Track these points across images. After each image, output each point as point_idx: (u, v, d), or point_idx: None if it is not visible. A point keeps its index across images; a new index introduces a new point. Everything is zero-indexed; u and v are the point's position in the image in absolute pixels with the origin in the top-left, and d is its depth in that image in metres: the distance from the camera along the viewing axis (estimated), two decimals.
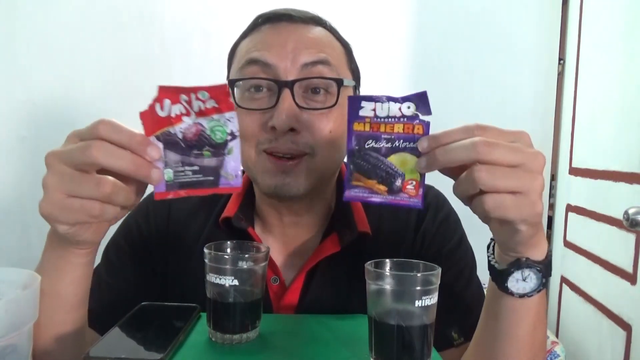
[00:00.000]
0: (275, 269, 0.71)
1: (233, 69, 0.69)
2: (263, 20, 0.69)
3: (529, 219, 0.45)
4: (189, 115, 0.47)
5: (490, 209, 0.43)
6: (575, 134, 1.58)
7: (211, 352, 0.53)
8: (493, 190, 0.43)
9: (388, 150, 0.49)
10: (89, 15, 1.39)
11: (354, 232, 0.69)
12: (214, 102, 0.47)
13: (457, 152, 0.44)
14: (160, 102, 0.46)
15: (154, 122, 0.47)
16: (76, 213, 0.45)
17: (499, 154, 0.43)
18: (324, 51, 0.65)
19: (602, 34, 1.43)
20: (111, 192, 0.45)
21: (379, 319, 0.48)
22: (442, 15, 1.60)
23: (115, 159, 0.44)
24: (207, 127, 0.47)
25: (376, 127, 0.49)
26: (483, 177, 0.43)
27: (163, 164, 0.47)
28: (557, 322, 1.66)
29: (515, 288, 0.50)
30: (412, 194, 0.49)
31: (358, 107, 0.49)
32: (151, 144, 0.46)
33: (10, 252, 1.36)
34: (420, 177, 0.48)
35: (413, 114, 0.48)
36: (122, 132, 0.45)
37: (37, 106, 1.37)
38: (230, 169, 0.48)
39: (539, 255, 0.50)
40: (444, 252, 0.71)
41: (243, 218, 0.71)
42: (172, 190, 0.48)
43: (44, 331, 0.54)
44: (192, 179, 0.48)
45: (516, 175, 0.44)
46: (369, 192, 0.50)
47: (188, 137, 0.47)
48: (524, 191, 0.44)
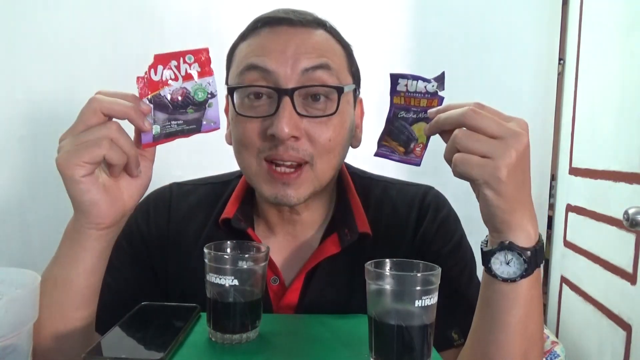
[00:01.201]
0: (275, 269, 0.71)
1: (232, 73, 0.69)
2: (262, 23, 0.67)
3: (490, 181, 0.49)
4: (176, 80, 0.56)
5: (457, 163, 0.50)
6: (575, 134, 1.58)
7: (211, 352, 0.53)
8: (464, 149, 0.50)
9: (413, 120, 0.59)
10: (89, 14, 1.39)
11: (355, 232, 0.69)
12: (197, 66, 0.56)
13: (449, 117, 0.52)
14: (155, 68, 0.55)
15: (147, 85, 0.55)
16: (88, 149, 0.51)
17: (482, 122, 0.50)
18: (324, 55, 0.65)
19: (602, 34, 1.43)
20: (116, 132, 0.52)
21: (379, 319, 0.48)
22: (442, 15, 1.60)
23: (114, 104, 0.53)
24: (191, 89, 0.56)
25: (408, 100, 0.59)
26: (459, 136, 0.50)
27: (152, 121, 0.55)
28: (557, 322, 1.66)
29: (499, 271, 0.53)
30: (417, 154, 0.60)
31: (396, 82, 0.59)
32: (142, 101, 0.54)
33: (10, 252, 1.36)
34: (426, 141, 0.59)
35: (434, 91, 0.58)
36: (117, 92, 0.54)
37: (37, 106, 1.37)
38: (211, 116, 0.57)
39: (524, 241, 0.52)
40: (444, 252, 0.71)
41: (242, 219, 0.71)
42: (157, 139, 0.56)
43: (49, 329, 0.54)
44: (177, 129, 0.56)
45: (490, 143, 0.49)
46: (391, 151, 0.61)
47: (174, 99, 0.56)
48: (492, 156, 0.49)
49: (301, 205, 0.70)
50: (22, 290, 0.44)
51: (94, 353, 0.48)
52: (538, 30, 1.63)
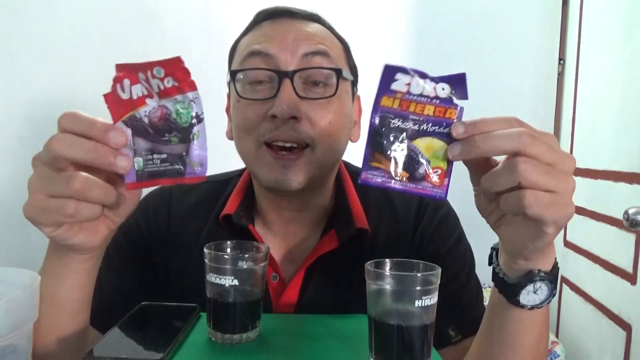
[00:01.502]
0: (275, 266, 0.71)
1: (234, 64, 0.70)
2: (264, 16, 0.70)
3: (560, 220, 0.43)
4: (151, 97, 0.45)
5: (529, 204, 0.41)
6: (575, 134, 1.58)
7: (211, 352, 0.53)
8: (533, 185, 0.41)
9: (414, 132, 0.44)
10: (89, 15, 1.40)
11: (352, 228, 0.69)
12: (172, 80, 0.45)
13: (500, 140, 0.42)
14: (120, 83, 0.45)
15: (118, 105, 0.45)
16: (53, 213, 0.44)
17: (542, 150, 0.42)
18: (323, 43, 0.66)
19: (602, 34, 1.43)
20: (83, 187, 0.43)
21: (379, 319, 0.48)
22: (442, 15, 1.60)
23: (74, 148, 0.43)
24: (173, 109, 0.45)
25: (406, 105, 0.44)
26: (528, 169, 0.41)
27: (132, 152, 0.45)
28: (557, 322, 1.66)
29: (526, 301, 0.49)
30: (436, 184, 0.44)
31: (392, 78, 0.44)
32: (115, 130, 0.44)
33: (10, 252, 1.36)
34: (447, 166, 0.44)
35: (447, 97, 0.44)
36: (82, 121, 0.44)
37: (37, 106, 1.37)
38: (195, 157, 0.46)
39: (548, 265, 0.49)
40: (443, 250, 0.72)
41: (244, 215, 0.72)
42: (143, 180, 0.46)
43: (44, 334, 0.54)
44: (160, 167, 0.46)
45: (554, 174, 0.42)
46: (387, 176, 0.45)
47: (154, 122, 0.45)
48: (559, 191, 0.42)
49: (300, 201, 0.71)
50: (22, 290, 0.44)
51: (93, 353, 0.47)
52: (538, 30, 1.63)
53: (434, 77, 0.44)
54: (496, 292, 0.53)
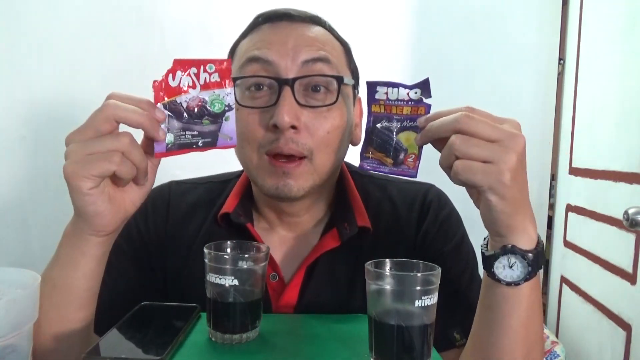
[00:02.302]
0: (275, 266, 0.70)
1: (233, 68, 0.69)
2: (263, 19, 0.69)
3: (494, 186, 0.48)
4: (194, 88, 0.53)
5: (458, 171, 0.49)
6: (575, 134, 1.58)
7: (211, 352, 0.53)
8: (464, 156, 0.48)
9: (398, 129, 0.57)
10: (89, 15, 1.39)
11: (354, 226, 0.69)
12: (217, 76, 0.54)
13: (442, 124, 0.51)
14: (173, 73, 0.53)
15: (164, 90, 0.53)
16: (98, 162, 0.49)
17: (477, 127, 0.49)
18: (324, 49, 0.66)
19: (602, 34, 1.43)
20: (129, 143, 0.50)
21: (379, 319, 0.48)
22: (442, 14, 1.60)
23: (129, 112, 0.50)
24: (208, 100, 0.54)
25: (389, 108, 0.58)
26: (457, 143, 0.49)
27: (166, 129, 0.53)
28: (557, 322, 1.66)
29: (502, 275, 0.52)
30: (410, 166, 0.58)
31: (374, 90, 0.58)
32: (157, 107, 0.52)
33: (10, 251, 1.36)
34: (418, 151, 0.57)
35: (418, 98, 0.56)
36: (132, 97, 0.52)
37: (37, 106, 1.37)
38: (227, 131, 0.55)
39: (526, 244, 0.52)
40: (445, 251, 0.71)
41: (242, 214, 0.71)
42: (171, 150, 0.53)
43: (49, 329, 0.54)
44: (192, 140, 0.54)
45: (489, 147, 0.48)
46: (378, 163, 0.59)
47: (191, 107, 0.53)
48: (494, 161, 0.48)
49: (301, 208, 0.71)
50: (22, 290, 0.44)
51: (93, 353, 0.47)
52: (538, 30, 1.63)
53: (406, 85, 0.57)
54: (484, 273, 0.56)
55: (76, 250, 0.55)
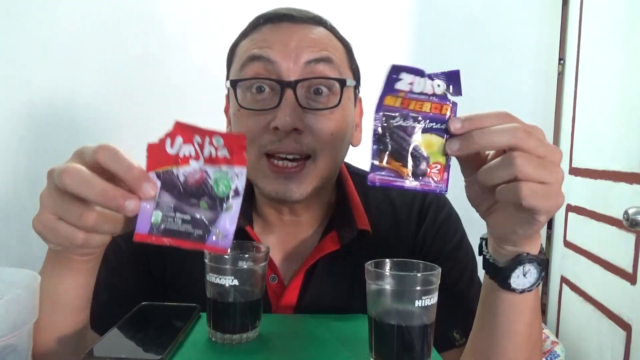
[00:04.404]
0: (274, 268, 0.70)
1: (233, 68, 0.69)
2: (264, 20, 0.68)
3: (552, 209, 0.45)
4: (197, 160, 0.44)
5: (525, 196, 0.43)
6: (575, 134, 1.58)
7: (211, 352, 0.53)
8: (528, 178, 0.43)
9: (414, 130, 0.46)
10: (89, 15, 1.40)
11: (354, 229, 0.69)
12: (226, 151, 0.44)
13: (497, 136, 0.44)
14: (172, 138, 0.44)
15: (159, 157, 0.43)
16: (62, 238, 0.44)
17: (535, 144, 0.44)
18: (326, 49, 0.65)
19: (602, 34, 1.43)
20: (94, 223, 0.43)
21: (379, 319, 0.48)
22: (442, 15, 1.60)
23: (85, 187, 0.41)
24: (212, 177, 0.44)
25: (406, 103, 0.45)
26: (523, 163, 0.43)
27: (154, 204, 0.43)
28: (557, 322, 1.66)
29: (516, 284, 0.51)
30: (436, 178, 0.46)
31: (397, 78, 0.45)
32: (149, 181, 0.43)
33: (10, 252, 1.36)
34: (446, 161, 0.46)
35: (443, 93, 0.46)
36: (121, 162, 0.42)
37: (37, 106, 1.37)
38: (222, 227, 0.44)
39: (535, 249, 0.51)
40: (445, 252, 0.71)
41: (241, 217, 0.71)
42: (155, 234, 0.44)
43: (44, 333, 0.54)
44: (180, 228, 0.44)
45: (545, 166, 0.44)
46: (395, 175, 0.46)
47: (189, 183, 0.44)
48: (551, 182, 0.44)
49: (301, 206, 0.71)
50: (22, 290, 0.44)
51: (93, 353, 0.47)
52: (538, 30, 1.63)
53: (430, 74, 0.46)
54: (487, 279, 0.54)
55: (62, 266, 0.51)
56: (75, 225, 0.43)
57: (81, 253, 0.49)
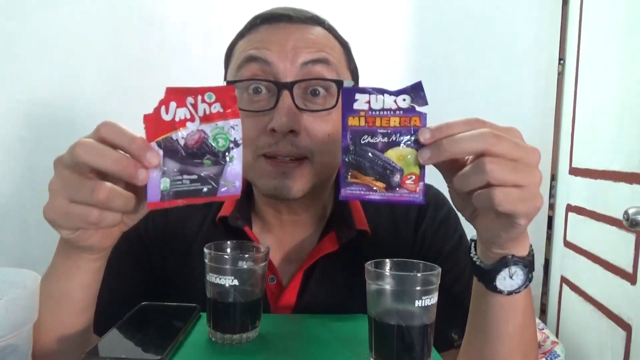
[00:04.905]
0: (273, 268, 0.70)
1: (231, 69, 0.69)
2: (261, 20, 0.68)
3: (531, 212, 0.44)
4: (193, 121, 0.46)
5: (499, 202, 0.42)
6: (575, 134, 1.58)
7: (211, 352, 0.53)
8: (501, 183, 0.42)
9: (385, 145, 0.47)
10: (89, 15, 1.39)
11: (352, 230, 0.69)
12: (219, 106, 0.46)
13: (466, 142, 0.43)
14: (167, 105, 0.45)
15: (157, 126, 0.45)
16: (76, 219, 0.44)
17: (506, 147, 0.43)
18: (323, 50, 0.65)
19: (602, 34, 1.43)
20: (107, 198, 0.43)
21: (379, 319, 0.48)
22: (442, 15, 1.60)
23: (98, 157, 0.43)
24: (210, 134, 0.46)
25: (371, 121, 0.47)
26: (494, 169, 0.42)
27: (161, 172, 0.45)
28: (557, 322, 1.66)
29: (503, 286, 0.50)
30: (411, 189, 0.46)
31: (352, 99, 0.47)
32: (151, 149, 0.44)
33: (10, 252, 1.36)
34: (420, 171, 0.46)
35: (409, 106, 0.46)
36: (123, 135, 0.44)
37: (37, 106, 1.37)
38: (230, 176, 0.46)
39: (523, 250, 0.50)
40: (445, 251, 0.71)
41: (239, 217, 0.71)
42: (167, 199, 0.45)
43: (47, 333, 0.54)
44: (190, 187, 0.46)
45: (519, 169, 0.43)
46: (366, 189, 0.47)
47: (189, 145, 0.46)
48: (526, 184, 0.43)
49: (300, 206, 0.71)
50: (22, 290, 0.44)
51: (93, 353, 0.47)
52: (538, 30, 1.63)
53: (392, 92, 0.47)
54: (476, 281, 0.54)
55: (71, 263, 0.52)
56: (88, 203, 0.43)
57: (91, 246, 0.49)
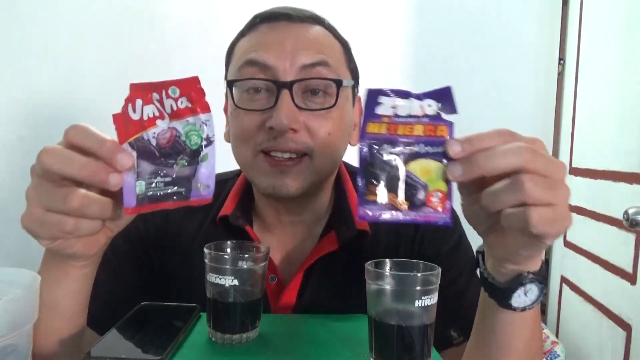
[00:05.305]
0: (273, 268, 0.70)
1: (231, 69, 0.69)
2: (261, 19, 0.68)
3: (560, 232, 0.41)
4: (162, 119, 0.44)
5: (535, 224, 0.39)
6: (575, 134, 1.58)
7: (211, 352, 0.53)
8: (536, 202, 0.39)
9: (407, 156, 0.42)
10: (89, 15, 1.39)
11: (352, 230, 0.69)
12: (186, 100, 0.44)
13: (503, 158, 0.40)
14: (133, 103, 0.43)
15: (127, 126, 0.43)
16: (52, 228, 0.43)
17: (542, 164, 0.40)
18: (323, 52, 0.65)
19: (602, 34, 1.43)
20: (80, 205, 0.41)
21: (379, 319, 0.48)
22: (442, 15, 1.60)
23: (64, 164, 0.41)
24: (182, 132, 0.44)
25: (394, 128, 0.42)
26: (531, 187, 0.39)
27: (135, 175, 0.43)
28: (557, 322, 1.66)
29: (517, 303, 0.48)
30: (438, 208, 0.42)
31: (375, 102, 0.42)
32: (123, 152, 0.42)
33: (10, 252, 1.36)
34: (447, 187, 0.41)
35: (436, 113, 0.42)
36: (92, 138, 0.42)
37: (37, 106, 1.37)
38: (203, 178, 0.45)
39: (536, 266, 0.48)
40: (444, 251, 0.72)
41: (240, 216, 0.71)
42: (143, 204, 0.44)
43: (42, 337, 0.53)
44: (164, 190, 0.44)
45: (552, 186, 0.40)
46: (386, 207, 0.42)
47: (162, 144, 0.44)
48: (558, 203, 0.40)
49: (300, 206, 0.71)
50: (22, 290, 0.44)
51: (93, 353, 0.47)
52: (538, 30, 1.63)
53: (418, 95, 0.42)
54: (486, 296, 0.51)
55: (58, 271, 0.50)
56: (62, 211, 0.42)
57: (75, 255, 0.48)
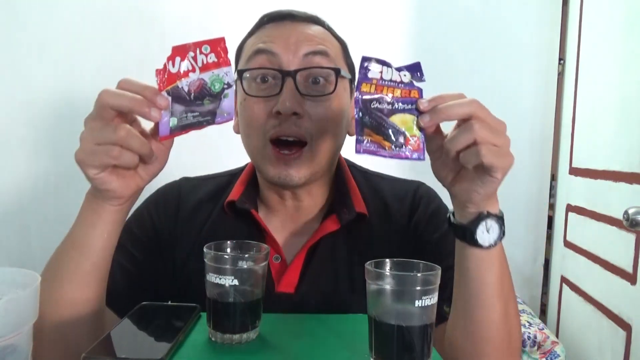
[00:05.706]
0: (277, 248, 0.75)
1: (240, 63, 0.76)
2: (268, 19, 0.76)
3: (506, 166, 0.53)
4: (194, 72, 0.56)
5: (485, 155, 0.51)
6: (575, 134, 1.58)
7: (211, 352, 0.53)
8: (485, 141, 0.51)
9: (389, 111, 0.55)
10: (89, 15, 1.40)
11: (352, 212, 0.75)
12: (214, 56, 0.56)
13: (458, 107, 0.53)
14: (173, 60, 0.55)
15: (166, 77, 0.55)
16: (100, 155, 0.53)
17: (487, 114, 0.53)
18: (323, 44, 0.72)
19: (602, 34, 1.43)
20: (126, 136, 0.53)
21: (379, 319, 0.49)
22: (442, 15, 1.60)
23: (118, 97, 0.54)
24: (208, 81, 0.56)
25: (380, 89, 0.55)
26: (480, 128, 0.52)
27: (169, 114, 0.55)
28: (557, 322, 1.66)
29: (482, 240, 0.57)
30: (415, 148, 0.55)
31: (367, 68, 0.55)
32: (161, 95, 0.55)
33: (10, 252, 1.36)
34: (420, 134, 0.55)
35: (409, 81, 0.56)
36: (138, 84, 0.55)
37: (37, 106, 1.37)
38: (225, 107, 0.57)
39: (495, 208, 0.58)
40: (434, 239, 0.77)
41: (247, 201, 0.77)
42: (175, 132, 0.56)
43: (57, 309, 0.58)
44: (193, 121, 0.56)
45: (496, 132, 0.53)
46: (377, 146, 0.55)
47: (192, 90, 0.56)
48: (501, 144, 0.53)
49: (303, 192, 0.76)
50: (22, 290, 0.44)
51: (93, 353, 0.48)
52: (538, 30, 1.63)
53: (396, 67, 0.56)
54: (458, 242, 0.61)
55: (94, 214, 0.60)
56: (111, 142, 0.53)
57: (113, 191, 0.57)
